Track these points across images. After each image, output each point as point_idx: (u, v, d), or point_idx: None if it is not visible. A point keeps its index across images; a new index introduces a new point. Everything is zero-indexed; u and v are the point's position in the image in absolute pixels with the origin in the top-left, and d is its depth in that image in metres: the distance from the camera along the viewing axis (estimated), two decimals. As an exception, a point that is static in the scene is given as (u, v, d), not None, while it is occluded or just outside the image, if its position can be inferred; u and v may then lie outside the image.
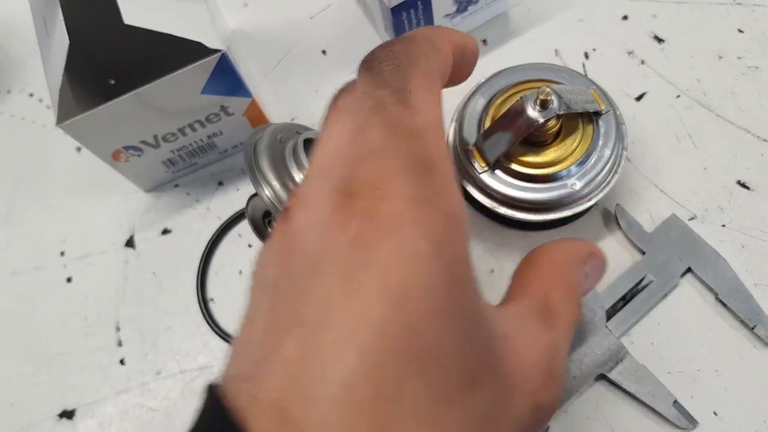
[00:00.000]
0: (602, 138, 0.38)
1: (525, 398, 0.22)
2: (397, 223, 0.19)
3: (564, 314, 0.25)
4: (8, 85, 0.51)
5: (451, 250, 0.20)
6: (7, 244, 0.46)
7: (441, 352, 0.19)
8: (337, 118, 0.23)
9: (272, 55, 0.49)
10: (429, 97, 0.23)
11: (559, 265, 0.27)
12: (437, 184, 0.21)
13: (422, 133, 0.22)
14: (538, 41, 0.47)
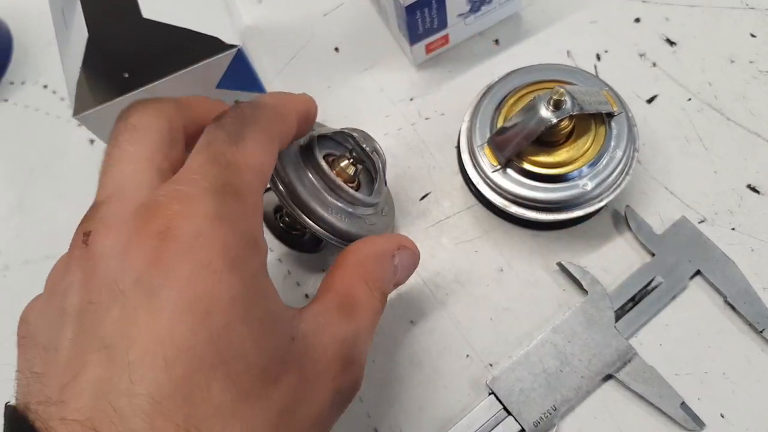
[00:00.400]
0: (614, 139, 0.38)
1: (326, 385, 0.25)
2: (196, 241, 0.21)
3: (366, 305, 0.29)
4: (23, 77, 0.52)
5: (248, 265, 0.22)
6: (20, 233, 0.47)
7: (242, 355, 0.21)
8: (131, 136, 0.25)
9: (285, 52, 0.50)
10: (260, 148, 0.26)
11: (361, 262, 0.30)
12: (239, 208, 0.23)
13: (240, 167, 0.25)
14: (551, 42, 0.47)
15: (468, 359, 0.40)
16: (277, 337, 0.23)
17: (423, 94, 0.47)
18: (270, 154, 0.27)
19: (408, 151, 0.45)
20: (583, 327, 0.39)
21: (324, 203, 0.34)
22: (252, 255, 0.23)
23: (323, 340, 0.26)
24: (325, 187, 0.34)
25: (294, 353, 0.24)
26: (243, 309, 0.22)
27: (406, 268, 0.33)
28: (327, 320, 0.27)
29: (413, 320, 0.41)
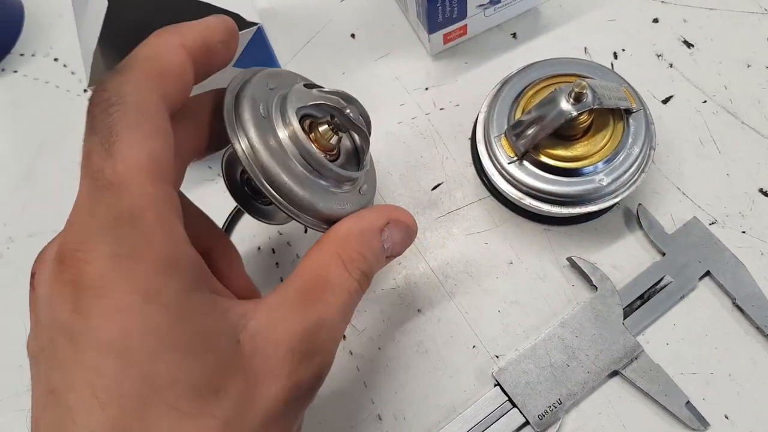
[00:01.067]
0: (632, 136, 0.38)
1: (279, 382, 0.24)
2: (103, 284, 0.21)
3: (338, 287, 0.27)
4: (33, 48, 0.51)
5: (164, 291, 0.21)
6: (25, 206, 0.46)
7: (173, 380, 0.21)
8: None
9: (300, 36, 0.49)
10: (135, 136, 0.22)
11: (341, 238, 0.28)
12: (138, 236, 0.21)
13: (122, 183, 0.21)
14: (568, 38, 0.47)
15: (474, 350, 0.39)
16: (213, 349, 0.22)
17: (438, 84, 0.46)
18: (157, 136, 0.23)
19: (421, 140, 0.45)
20: (591, 323, 0.39)
21: (291, 171, 0.28)
22: (167, 278, 0.22)
23: (275, 335, 0.24)
24: (295, 153, 0.29)
25: (238, 357, 0.23)
26: (166, 336, 0.21)
27: (398, 243, 0.30)
28: (283, 312, 0.25)
29: (420, 309, 0.41)
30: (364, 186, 0.33)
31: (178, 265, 0.22)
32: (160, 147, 0.23)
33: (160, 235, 0.22)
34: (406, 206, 0.43)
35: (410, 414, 0.38)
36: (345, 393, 0.39)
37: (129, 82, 0.23)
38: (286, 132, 0.29)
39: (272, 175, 0.28)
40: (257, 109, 0.28)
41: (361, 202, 0.32)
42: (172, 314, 0.22)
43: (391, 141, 0.45)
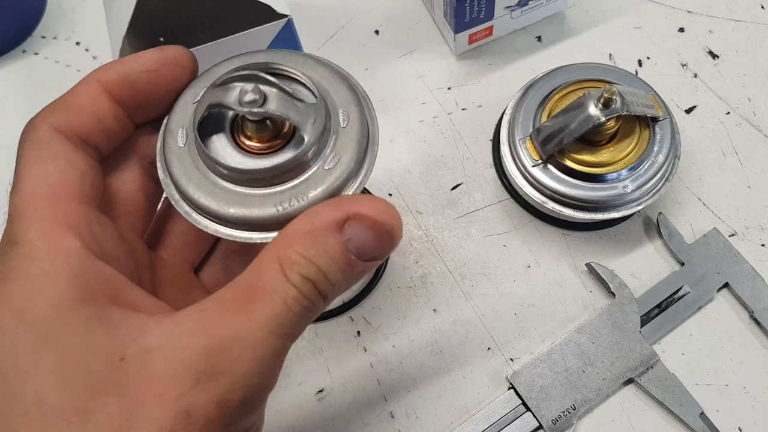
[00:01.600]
0: (657, 144, 0.38)
1: (163, 406, 0.20)
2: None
3: (268, 296, 0.22)
4: (55, 31, 0.51)
5: (31, 308, 0.21)
6: (42, 190, 0.46)
7: (40, 401, 0.20)
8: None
9: (324, 30, 0.49)
10: (32, 168, 0.23)
11: (284, 239, 0.23)
12: (16, 255, 0.21)
13: (16, 211, 0.22)
14: (593, 43, 0.47)
15: (489, 352, 0.39)
16: (85, 368, 0.20)
17: (461, 84, 0.46)
18: (53, 161, 0.23)
19: (442, 140, 0.45)
20: (609, 329, 0.38)
21: (201, 186, 0.24)
22: (36, 295, 0.21)
23: (169, 352, 0.21)
24: (209, 164, 0.24)
25: (117, 377, 0.20)
26: (31, 355, 0.20)
27: (367, 244, 0.23)
28: (188, 326, 0.22)
29: (436, 308, 0.41)
30: (331, 158, 0.24)
31: (54, 280, 0.21)
32: (58, 170, 0.23)
33: (40, 251, 0.21)
34: (424, 205, 0.43)
35: (423, 413, 0.38)
36: (358, 389, 0.39)
37: (32, 126, 0.24)
38: (193, 148, 0.25)
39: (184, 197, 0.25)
40: (175, 141, 0.25)
41: (328, 180, 0.24)
42: (38, 332, 0.20)
43: (411, 139, 0.45)
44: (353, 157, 0.25)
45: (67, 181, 0.23)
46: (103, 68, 0.25)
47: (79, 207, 0.23)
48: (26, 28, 0.50)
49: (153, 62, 0.25)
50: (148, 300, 0.23)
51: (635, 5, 0.48)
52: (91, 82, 0.25)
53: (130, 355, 0.21)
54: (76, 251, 0.22)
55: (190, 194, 0.24)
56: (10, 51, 0.50)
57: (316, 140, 0.24)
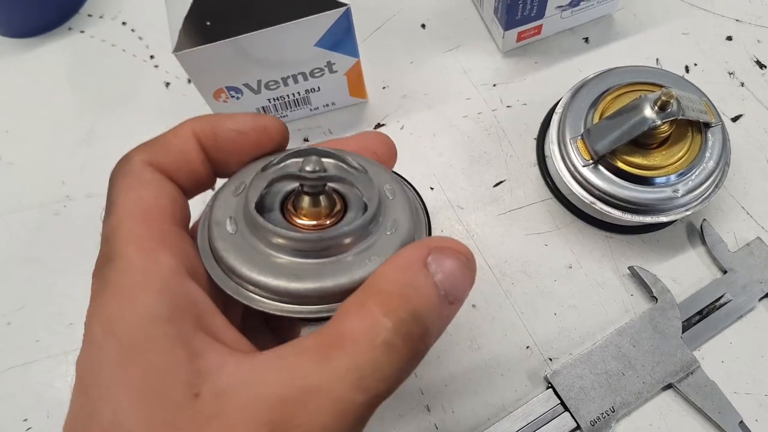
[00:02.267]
0: (709, 150, 0.38)
1: None
2: (86, 321, 0.22)
3: (354, 340, 0.21)
4: (101, 10, 0.51)
5: (119, 321, 0.21)
6: (85, 166, 0.46)
7: (115, 422, 0.20)
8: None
9: (371, 21, 0.49)
10: (127, 194, 0.24)
11: (372, 284, 0.22)
12: (111, 270, 0.22)
13: (113, 232, 0.23)
14: (640, 47, 0.47)
15: (528, 350, 0.39)
16: (162, 396, 0.20)
17: (507, 81, 0.46)
18: (147, 187, 0.24)
19: (486, 136, 0.45)
20: (650, 333, 0.38)
21: (261, 266, 0.23)
22: (125, 307, 0.21)
23: (243, 399, 0.20)
24: (267, 243, 0.24)
25: (191, 415, 0.20)
26: (115, 371, 0.20)
27: (453, 273, 0.23)
28: (267, 372, 0.21)
29: (475, 304, 0.41)
30: (390, 224, 0.25)
31: (146, 293, 0.21)
32: (151, 194, 0.24)
33: (135, 265, 0.22)
34: (465, 200, 0.43)
35: (459, 408, 0.38)
36: (394, 381, 0.39)
37: (125, 159, 0.25)
38: (254, 228, 0.24)
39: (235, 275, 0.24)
40: (225, 230, 0.24)
41: (393, 243, 0.24)
42: (124, 345, 0.20)
43: (455, 134, 0.45)
44: (410, 220, 0.25)
45: (160, 204, 0.24)
46: (198, 119, 0.26)
47: (173, 228, 0.24)
48: (73, 5, 0.51)
49: (244, 124, 0.26)
50: (229, 331, 0.23)
51: (684, 11, 0.48)
52: (185, 127, 0.26)
53: (205, 393, 0.20)
54: (169, 268, 0.22)
55: (256, 278, 0.23)
56: (57, 28, 0.50)
57: (378, 205, 0.25)
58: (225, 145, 0.26)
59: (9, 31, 0.50)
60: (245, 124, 0.26)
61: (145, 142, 0.26)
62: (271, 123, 0.27)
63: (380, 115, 0.46)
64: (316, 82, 0.42)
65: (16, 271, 0.44)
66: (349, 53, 0.40)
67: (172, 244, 0.23)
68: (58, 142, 0.47)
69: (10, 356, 0.42)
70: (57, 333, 0.42)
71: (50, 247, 0.44)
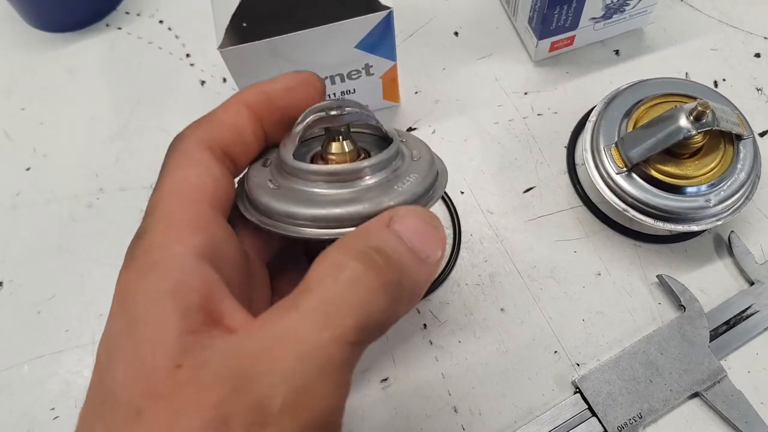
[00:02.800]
0: (741, 162, 0.38)
1: (203, 414, 0.20)
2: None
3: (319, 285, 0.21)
4: (139, 8, 0.52)
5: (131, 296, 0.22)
6: (119, 159, 0.47)
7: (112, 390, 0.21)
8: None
9: (405, 27, 0.50)
10: (173, 173, 0.25)
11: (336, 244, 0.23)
12: (139, 246, 0.23)
13: (150, 209, 0.24)
14: (670, 61, 0.47)
15: (556, 355, 0.40)
16: (150, 368, 0.21)
17: (538, 90, 0.47)
18: (192, 167, 0.25)
19: (517, 143, 0.45)
20: (677, 342, 0.39)
21: (307, 202, 0.25)
22: (140, 281, 0.22)
23: (217, 365, 0.20)
24: (306, 183, 0.26)
25: (171, 383, 0.20)
26: (120, 342, 0.21)
27: (415, 229, 0.24)
28: (247, 338, 0.21)
29: (504, 308, 0.41)
30: (413, 151, 0.29)
31: (158, 272, 0.22)
32: (196, 174, 0.25)
33: (158, 243, 0.23)
34: (495, 205, 0.44)
35: (486, 410, 0.39)
36: (422, 381, 0.39)
37: (179, 137, 0.27)
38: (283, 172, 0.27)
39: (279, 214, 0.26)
40: (268, 189, 0.27)
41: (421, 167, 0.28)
42: (128, 319, 0.21)
43: (486, 140, 0.46)
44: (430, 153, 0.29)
45: (202, 185, 0.25)
46: (246, 90, 0.28)
47: (208, 210, 0.25)
48: (111, 2, 0.51)
49: (290, 81, 0.28)
50: (236, 313, 0.23)
51: (713, 28, 0.49)
52: (235, 101, 0.28)
53: (186, 365, 0.20)
54: (190, 249, 0.23)
55: (305, 212, 0.25)
56: (94, 24, 0.51)
57: (398, 147, 0.28)
58: (280, 104, 0.28)
59: (47, 26, 0.51)
60: (291, 81, 0.28)
61: (198, 120, 0.27)
62: (310, 75, 0.29)
63: (412, 119, 0.47)
64: (352, 84, 0.43)
65: (48, 261, 0.44)
66: (387, 56, 0.41)
67: (202, 226, 0.24)
68: (92, 136, 0.48)
69: (39, 345, 0.42)
70: (87, 323, 0.42)
71: (82, 238, 0.45)
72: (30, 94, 0.50)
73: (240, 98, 0.28)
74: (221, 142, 0.27)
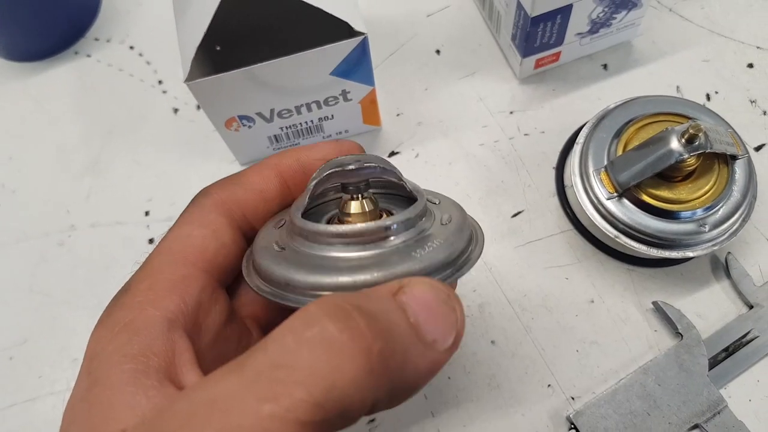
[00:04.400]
0: (736, 183, 0.37)
1: None
2: None
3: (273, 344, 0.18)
4: (108, 34, 0.50)
5: (98, 359, 0.21)
6: (90, 194, 0.45)
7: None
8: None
9: (384, 47, 0.48)
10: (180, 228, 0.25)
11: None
12: (118, 303, 0.23)
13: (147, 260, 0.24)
14: (660, 74, 0.46)
15: (549, 389, 0.38)
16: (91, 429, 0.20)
17: (524, 108, 0.45)
18: (204, 230, 0.25)
19: (503, 165, 0.44)
20: (675, 372, 0.37)
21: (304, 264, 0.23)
22: (108, 346, 0.21)
23: (152, 421, 0.19)
24: (319, 246, 0.23)
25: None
26: (79, 405, 0.21)
27: (424, 303, 0.20)
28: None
29: (494, 340, 0.39)
30: (444, 215, 0.26)
31: (128, 334, 0.21)
32: (202, 235, 0.25)
33: (135, 305, 0.22)
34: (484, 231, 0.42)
35: (478, 449, 0.37)
36: (411, 421, 0.38)
37: (204, 192, 0.27)
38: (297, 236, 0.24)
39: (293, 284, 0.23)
40: (272, 251, 0.24)
41: (449, 230, 0.24)
42: (90, 381, 0.21)
43: (471, 163, 0.44)
44: (463, 215, 0.27)
45: (203, 247, 0.24)
46: (282, 154, 0.27)
47: (198, 273, 0.24)
48: (79, 29, 0.50)
49: (329, 151, 0.27)
50: (191, 374, 0.22)
51: (703, 38, 0.47)
52: (268, 167, 0.27)
53: (130, 428, 0.19)
54: (164, 313, 0.22)
55: (292, 277, 0.22)
56: (63, 52, 0.49)
57: (424, 205, 0.25)
58: (311, 175, 0.26)
59: (13, 55, 0.49)
60: (330, 153, 0.27)
61: (227, 178, 0.27)
62: (353, 146, 0.28)
63: (395, 142, 0.45)
64: (329, 110, 0.41)
65: (19, 303, 0.42)
66: (365, 81, 0.39)
67: (184, 290, 0.23)
68: (63, 170, 0.46)
69: (12, 393, 0.40)
70: (60, 368, 0.41)
71: (54, 278, 0.43)
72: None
73: (274, 164, 0.27)
74: (244, 206, 0.26)
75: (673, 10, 0.48)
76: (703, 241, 0.36)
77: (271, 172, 0.27)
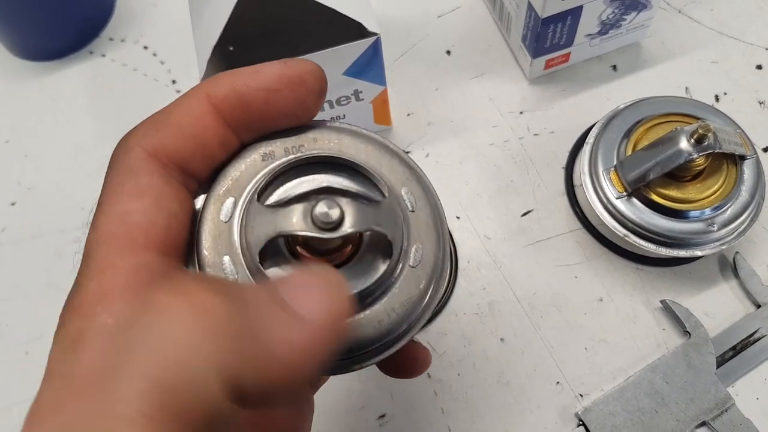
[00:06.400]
0: (745, 183, 0.37)
1: None
2: None
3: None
4: (123, 34, 0.51)
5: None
6: (105, 193, 0.46)
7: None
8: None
9: (396, 48, 0.49)
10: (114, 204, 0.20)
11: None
12: (69, 309, 0.19)
13: (87, 253, 0.20)
14: (669, 75, 0.46)
15: (558, 386, 0.38)
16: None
17: (533, 109, 0.46)
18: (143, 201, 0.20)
19: (513, 164, 0.44)
20: (683, 370, 0.38)
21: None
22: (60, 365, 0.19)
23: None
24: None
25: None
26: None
27: (293, 284, 0.19)
28: None
29: (504, 338, 0.40)
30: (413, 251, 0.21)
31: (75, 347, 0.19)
32: (143, 208, 0.20)
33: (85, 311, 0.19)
34: (493, 230, 0.43)
35: (488, 445, 0.37)
36: (420, 417, 0.38)
37: (124, 146, 0.22)
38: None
39: None
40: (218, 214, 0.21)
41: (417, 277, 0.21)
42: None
43: (481, 162, 0.44)
44: (435, 244, 0.21)
45: (148, 225, 0.20)
46: (213, 81, 0.21)
47: (155, 259, 0.20)
48: (94, 29, 0.50)
49: (273, 80, 0.21)
50: None
51: (713, 40, 0.47)
52: (199, 98, 0.21)
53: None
54: (117, 320, 0.19)
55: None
56: (77, 51, 0.50)
57: (401, 243, 0.21)
58: (256, 112, 0.21)
59: (28, 55, 0.50)
60: (275, 79, 0.21)
61: (150, 119, 0.22)
62: (305, 69, 0.21)
63: (405, 142, 0.45)
64: (341, 110, 0.42)
65: (35, 299, 0.43)
66: (377, 81, 0.40)
67: (140, 288, 0.19)
68: (78, 167, 0.47)
69: (27, 387, 0.41)
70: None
71: (69, 274, 0.43)
72: (13, 126, 0.48)
73: (204, 95, 0.21)
74: (178, 155, 0.21)
75: (683, 11, 0.48)
76: (711, 241, 0.37)
77: (203, 107, 0.21)
